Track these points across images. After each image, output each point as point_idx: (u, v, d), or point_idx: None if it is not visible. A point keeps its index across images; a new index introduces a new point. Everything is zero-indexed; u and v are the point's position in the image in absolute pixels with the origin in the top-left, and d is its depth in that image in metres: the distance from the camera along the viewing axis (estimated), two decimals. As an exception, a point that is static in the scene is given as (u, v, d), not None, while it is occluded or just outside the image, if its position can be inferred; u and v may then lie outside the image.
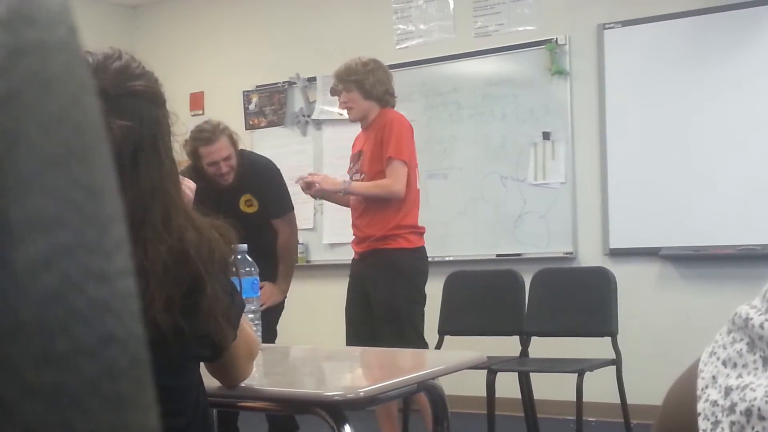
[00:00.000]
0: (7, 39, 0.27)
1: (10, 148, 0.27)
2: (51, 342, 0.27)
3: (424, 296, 4.49)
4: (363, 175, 4.52)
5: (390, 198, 4.38)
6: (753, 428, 0.75)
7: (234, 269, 1.79)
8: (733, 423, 0.78)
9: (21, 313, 0.26)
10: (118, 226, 0.32)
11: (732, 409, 0.78)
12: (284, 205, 4.71)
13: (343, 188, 4.46)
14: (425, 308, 4.50)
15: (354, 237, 4.63)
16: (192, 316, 1.64)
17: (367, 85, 4.47)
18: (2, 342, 0.26)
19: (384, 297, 4.40)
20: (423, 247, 4.52)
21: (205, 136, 4.38)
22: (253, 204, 4.60)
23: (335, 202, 4.80)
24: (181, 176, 1.81)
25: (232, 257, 1.77)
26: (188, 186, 1.88)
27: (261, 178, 4.63)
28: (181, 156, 2.09)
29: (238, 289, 1.83)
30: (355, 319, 4.56)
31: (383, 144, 4.41)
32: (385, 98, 4.52)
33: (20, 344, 0.26)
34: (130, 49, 1.81)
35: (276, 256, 4.65)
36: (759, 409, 0.75)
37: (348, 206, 4.67)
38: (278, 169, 4.77)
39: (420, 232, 4.51)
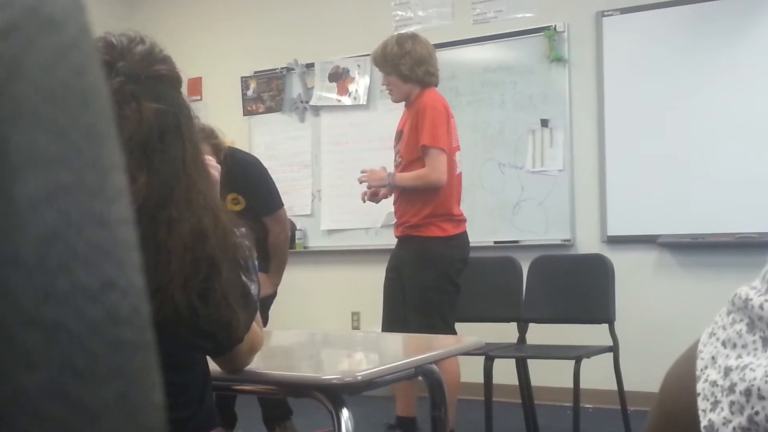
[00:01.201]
0: None
1: (10, 78, 0.27)
2: (51, 279, 0.27)
3: (456, 285, 4.38)
4: (401, 159, 4.45)
5: (431, 188, 4.29)
6: (752, 408, 0.75)
7: (248, 263, 1.79)
8: (732, 403, 0.78)
9: (21, 247, 0.26)
10: (119, 174, 0.32)
11: (731, 389, 0.78)
12: (272, 203, 4.66)
13: (389, 183, 4.39)
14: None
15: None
16: (207, 300, 1.65)
17: (404, 69, 4.37)
18: (3, 274, 0.26)
19: (414, 285, 4.33)
20: (459, 235, 4.40)
21: (204, 132, 4.38)
22: (239, 202, 4.60)
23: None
24: (207, 157, 1.83)
25: (247, 252, 1.78)
26: (213, 166, 1.89)
27: (247, 178, 4.57)
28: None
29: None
30: (388, 302, 4.49)
31: (418, 131, 4.31)
32: (425, 79, 4.40)
33: (21, 278, 0.26)
34: (127, 34, 1.81)
35: (265, 251, 4.65)
36: (759, 389, 0.75)
37: None
38: (265, 168, 4.70)
39: (457, 219, 4.41)
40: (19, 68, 0.27)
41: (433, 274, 4.30)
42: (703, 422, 0.81)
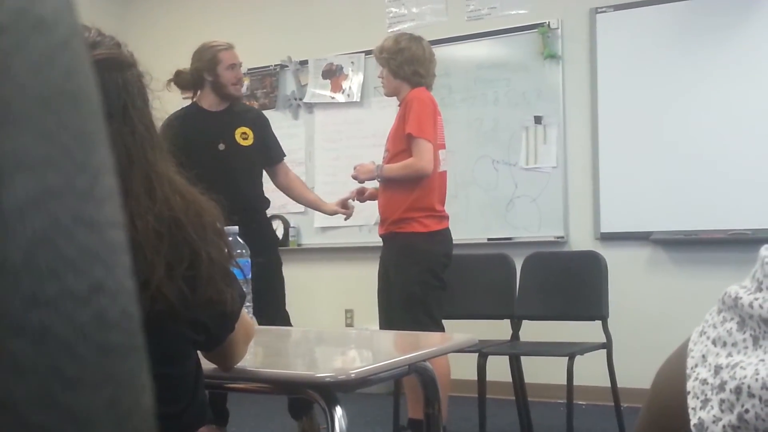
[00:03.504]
0: None
1: None
2: (39, 285, 0.27)
3: (441, 281, 4.42)
4: (387, 153, 4.54)
5: (418, 176, 4.34)
6: (742, 406, 0.76)
7: (222, 234, 1.73)
8: (722, 401, 0.78)
9: (9, 253, 0.26)
10: (109, 177, 0.31)
11: (722, 387, 0.79)
12: (280, 150, 4.93)
13: (377, 174, 4.49)
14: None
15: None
16: (195, 285, 1.62)
17: (393, 65, 4.49)
18: None
19: (398, 282, 4.38)
20: (441, 231, 4.44)
21: (223, 42, 4.82)
22: (248, 138, 4.75)
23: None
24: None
25: (221, 224, 1.73)
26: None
27: (256, 115, 4.93)
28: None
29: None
30: (381, 303, 4.55)
31: (404, 122, 4.39)
32: (414, 79, 4.48)
33: (8, 284, 0.26)
34: (120, 33, 1.78)
35: (258, 207, 4.76)
36: (749, 387, 0.75)
37: None
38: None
39: (439, 215, 4.44)
40: (8, 70, 0.27)
41: (417, 270, 4.34)
42: (693, 420, 0.81)
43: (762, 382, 0.75)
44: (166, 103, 1.87)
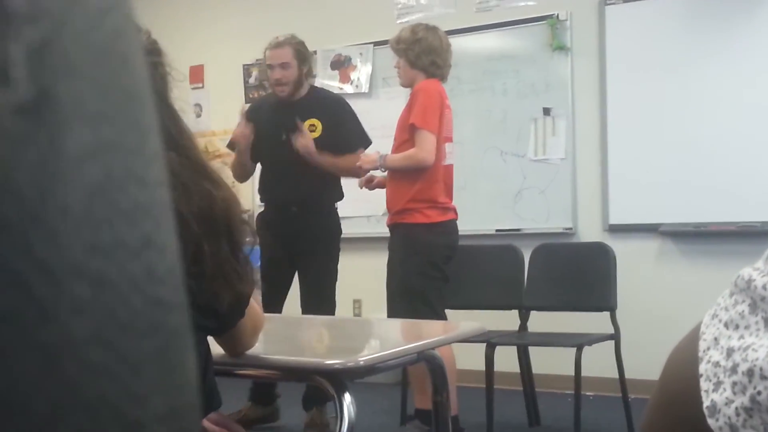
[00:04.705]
0: None
1: (57, 31, 0.28)
2: (97, 233, 0.29)
3: (442, 272, 4.43)
4: (394, 141, 4.57)
5: (419, 167, 4.35)
6: (755, 388, 0.76)
7: (240, 229, 1.72)
8: (735, 383, 0.78)
9: (71, 200, 0.28)
10: (156, 137, 0.33)
11: (734, 369, 0.79)
12: (355, 139, 4.88)
13: (380, 164, 4.52)
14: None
15: None
16: (200, 279, 1.62)
17: (411, 55, 4.48)
18: (53, 224, 0.27)
19: (398, 271, 4.41)
20: (445, 222, 4.45)
21: (274, 41, 4.79)
22: (316, 129, 4.75)
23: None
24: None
25: (234, 215, 1.71)
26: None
27: (329, 106, 4.88)
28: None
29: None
30: (388, 292, 4.56)
31: (409, 113, 4.41)
32: (430, 69, 4.48)
33: (70, 229, 0.28)
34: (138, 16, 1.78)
35: (320, 199, 4.84)
36: (761, 369, 0.75)
37: None
38: (349, 105, 5.02)
39: (442, 207, 4.44)
40: (66, 23, 0.28)
41: (417, 261, 4.36)
42: (706, 402, 0.81)
43: (774, 363, 0.75)
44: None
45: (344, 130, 4.84)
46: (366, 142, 4.89)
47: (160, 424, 0.31)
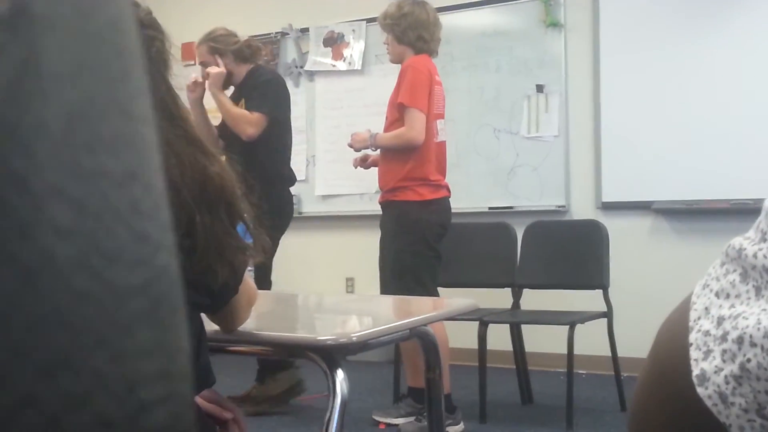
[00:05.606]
0: None
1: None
2: (77, 157, 0.28)
3: (434, 250, 4.43)
4: (386, 120, 4.55)
5: (409, 146, 4.35)
6: (744, 355, 0.75)
7: (235, 203, 1.71)
8: (724, 351, 0.78)
9: (49, 120, 0.27)
10: (141, 73, 0.33)
11: (724, 337, 0.79)
12: (253, 104, 4.78)
13: (371, 143, 4.52)
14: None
15: None
16: (192, 253, 1.61)
17: (397, 31, 4.49)
18: (29, 138, 0.27)
19: (391, 249, 4.41)
20: (437, 200, 4.44)
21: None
22: (242, 108, 4.79)
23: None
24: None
25: (230, 192, 1.70)
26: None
27: (252, 85, 4.85)
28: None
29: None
30: (381, 271, 4.57)
31: (398, 91, 4.40)
32: (417, 44, 4.47)
33: (47, 148, 0.27)
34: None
35: (260, 166, 4.76)
36: (751, 336, 0.75)
37: None
38: (275, 80, 4.96)
39: (434, 184, 4.43)
40: None
41: (409, 239, 4.36)
42: (695, 371, 0.81)
43: (764, 331, 0.75)
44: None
45: (250, 101, 4.79)
46: (260, 109, 4.75)
47: (146, 357, 0.31)
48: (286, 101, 4.93)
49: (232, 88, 4.92)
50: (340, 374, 2.08)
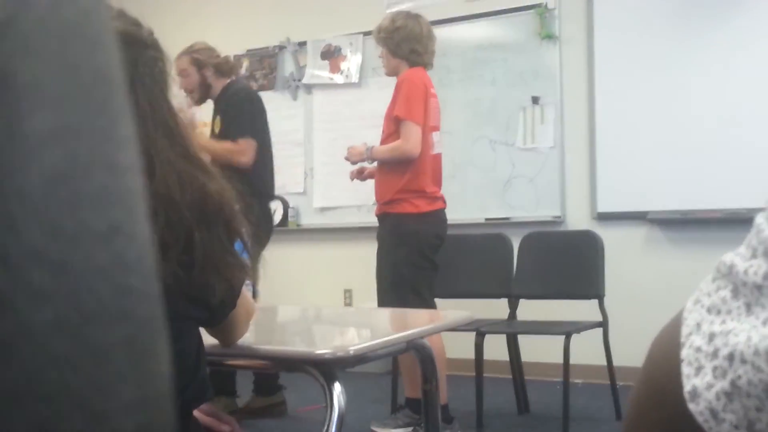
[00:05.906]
0: None
1: (18, 12, 0.28)
2: (58, 218, 0.28)
3: (431, 261, 4.44)
4: (382, 133, 4.57)
5: (405, 159, 4.36)
6: (735, 372, 0.77)
7: (234, 220, 1.73)
8: (715, 368, 0.79)
9: (27, 182, 0.27)
10: (128, 122, 0.32)
11: (715, 354, 0.80)
12: (233, 129, 4.79)
13: (367, 156, 4.54)
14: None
15: None
16: (190, 269, 1.62)
17: (390, 44, 4.51)
18: (8, 208, 0.27)
19: (387, 261, 4.41)
20: (433, 212, 4.45)
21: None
22: (218, 124, 4.81)
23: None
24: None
25: (230, 208, 1.71)
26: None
27: (228, 101, 4.87)
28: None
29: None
30: (378, 282, 4.56)
31: (394, 104, 4.43)
32: (411, 57, 4.50)
33: (27, 213, 0.27)
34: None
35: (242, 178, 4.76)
36: (741, 353, 0.76)
37: None
38: (249, 96, 4.97)
39: (431, 196, 4.45)
40: (29, 2, 0.28)
41: (406, 250, 4.36)
42: (687, 387, 0.82)
43: (754, 348, 0.76)
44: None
45: (227, 118, 4.82)
46: (242, 132, 4.77)
47: (127, 414, 0.30)
48: (262, 116, 4.94)
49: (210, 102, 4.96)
50: (337, 387, 2.09)
